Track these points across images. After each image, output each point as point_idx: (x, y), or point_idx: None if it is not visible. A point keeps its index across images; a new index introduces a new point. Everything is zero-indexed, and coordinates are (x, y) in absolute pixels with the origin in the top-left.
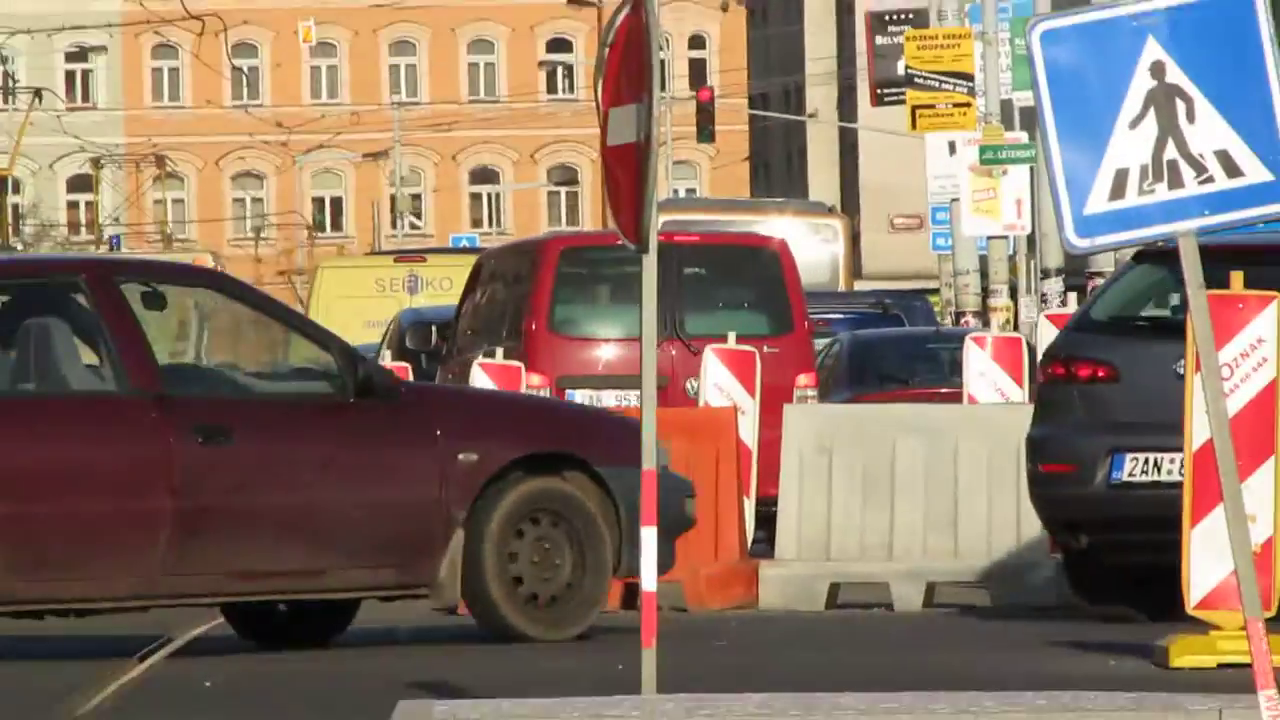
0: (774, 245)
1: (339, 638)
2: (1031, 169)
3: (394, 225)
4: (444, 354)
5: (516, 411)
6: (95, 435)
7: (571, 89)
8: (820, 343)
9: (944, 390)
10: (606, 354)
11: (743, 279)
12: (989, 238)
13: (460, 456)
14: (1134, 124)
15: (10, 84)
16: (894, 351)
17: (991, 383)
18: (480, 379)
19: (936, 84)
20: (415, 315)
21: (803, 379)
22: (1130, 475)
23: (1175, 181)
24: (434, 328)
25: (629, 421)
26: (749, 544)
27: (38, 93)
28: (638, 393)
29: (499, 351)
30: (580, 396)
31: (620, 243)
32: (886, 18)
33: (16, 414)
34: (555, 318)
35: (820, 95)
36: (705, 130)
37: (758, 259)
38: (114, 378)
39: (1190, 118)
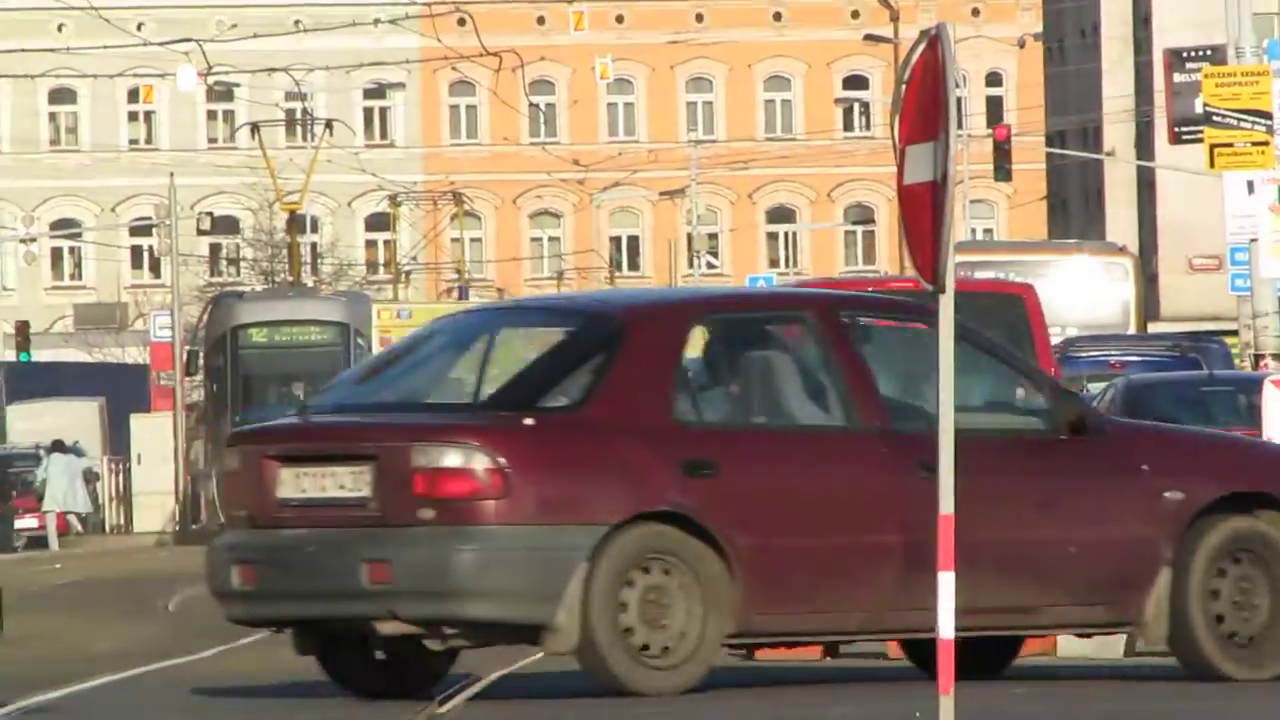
0: (1020, 291)
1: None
2: None
3: (690, 265)
4: None
5: (1219, 450)
6: (829, 470)
7: (868, 126)
8: (1098, 386)
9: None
10: None
11: (990, 325)
12: None
13: (1166, 494)
14: None
15: (308, 119)
16: (1169, 395)
17: None
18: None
19: (1235, 122)
20: None
21: None
22: None
23: None
24: None
25: None
26: None
27: (328, 124)
28: None
29: None
30: None
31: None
32: (1184, 55)
33: (753, 447)
34: None
35: (1118, 133)
36: (1002, 169)
37: (1005, 305)
38: (842, 413)
39: None
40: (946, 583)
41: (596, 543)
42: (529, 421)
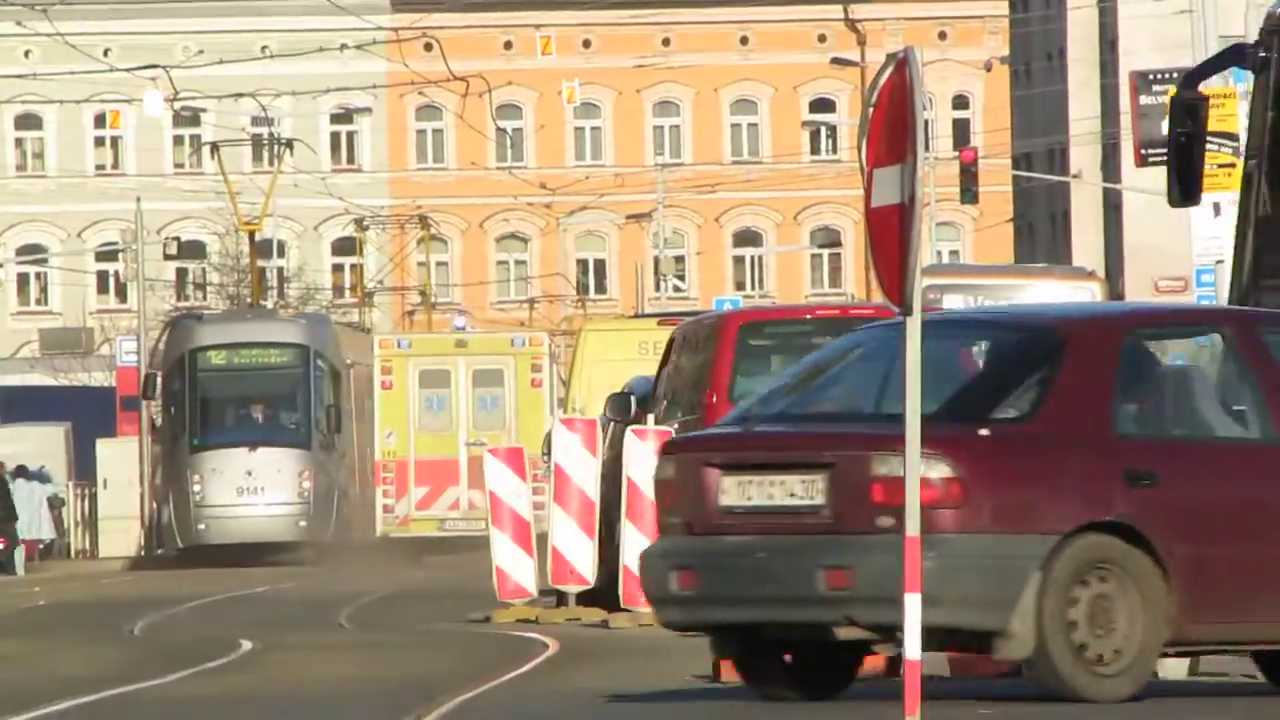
0: None
1: None
2: None
3: (657, 288)
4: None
5: None
6: (1257, 481)
7: (835, 149)
8: None
9: None
10: None
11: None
12: None
13: None
14: None
15: (273, 142)
16: None
17: None
18: None
19: None
20: (645, 382)
21: None
22: None
23: None
24: (633, 398)
25: None
26: None
27: (289, 144)
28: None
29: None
30: None
31: (801, 316)
32: (1151, 77)
33: (1190, 458)
34: (735, 392)
35: (1084, 156)
36: (968, 191)
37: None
38: (1260, 425)
39: None
40: (913, 604)
41: (1049, 552)
42: (984, 432)
